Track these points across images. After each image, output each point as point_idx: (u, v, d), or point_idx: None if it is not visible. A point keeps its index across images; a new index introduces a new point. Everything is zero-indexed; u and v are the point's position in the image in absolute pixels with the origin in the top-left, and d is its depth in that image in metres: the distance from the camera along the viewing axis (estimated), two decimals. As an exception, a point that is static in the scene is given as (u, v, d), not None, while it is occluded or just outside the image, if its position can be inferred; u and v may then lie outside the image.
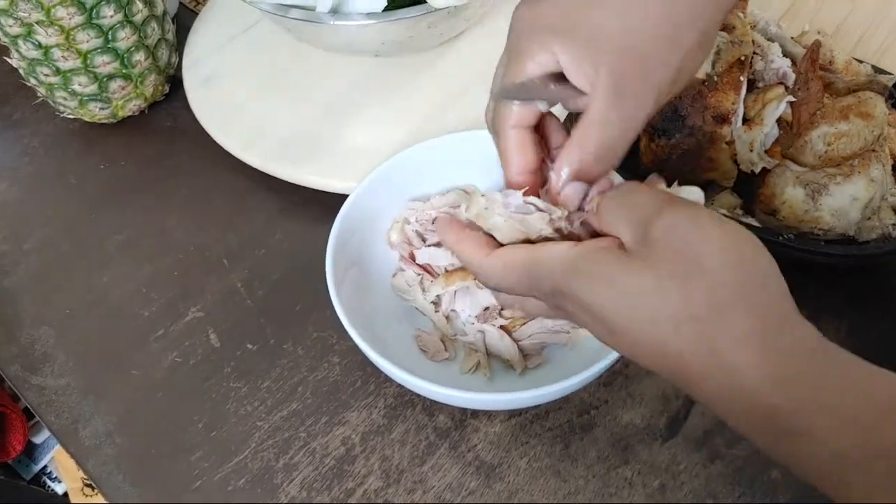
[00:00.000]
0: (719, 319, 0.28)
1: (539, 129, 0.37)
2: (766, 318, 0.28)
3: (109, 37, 0.59)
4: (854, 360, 0.28)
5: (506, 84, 0.35)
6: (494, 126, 0.37)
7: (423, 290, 0.49)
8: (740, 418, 0.28)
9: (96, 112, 0.64)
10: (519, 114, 0.35)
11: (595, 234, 0.34)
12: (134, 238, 0.58)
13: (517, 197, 0.35)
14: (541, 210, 0.35)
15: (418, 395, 0.47)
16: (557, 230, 0.35)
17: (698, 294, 0.28)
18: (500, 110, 0.36)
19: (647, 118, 0.34)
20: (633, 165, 0.55)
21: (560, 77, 0.34)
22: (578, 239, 0.34)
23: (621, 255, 0.30)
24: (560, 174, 0.34)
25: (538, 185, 0.37)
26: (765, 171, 0.49)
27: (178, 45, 0.67)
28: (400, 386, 0.48)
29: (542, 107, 0.36)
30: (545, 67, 0.33)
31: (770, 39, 0.55)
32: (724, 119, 0.49)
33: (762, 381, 0.27)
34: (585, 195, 0.35)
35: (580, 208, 0.35)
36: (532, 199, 0.35)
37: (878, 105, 0.48)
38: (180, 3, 0.75)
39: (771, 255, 0.29)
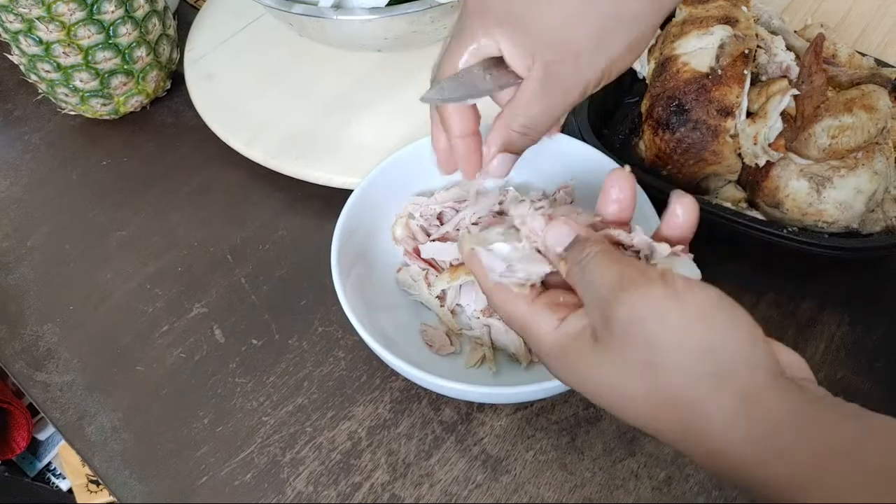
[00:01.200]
0: (688, 405, 0.28)
1: None
2: (741, 394, 0.27)
3: (110, 32, 0.59)
4: (845, 413, 0.27)
5: (444, 72, 0.38)
6: (433, 123, 0.41)
7: (429, 284, 0.49)
8: (737, 486, 0.29)
9: (98, 108, 0.64)
10: (454, 115, 0.39)
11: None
12: (137, 234, 0.58)
13: (500, 264, 0.35)
14: (521, 274, 0.34)
15: (424, 390, 0.48)
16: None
17: (663, 384, 0.28)
18: (436, 112, 0.40)
19: (572, 105, 0.37)
20: (637, 159, 0.55)
21: (498, 62, 0.37)
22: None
23: (590, 345, 0.30)
24: (491, 147, 0.39)
25: (479, 144, 0.40)
26: (769, 164, 0.49)
27: (180, 41, 0.67)
28: (406, 380, 0.48)
29: (471, 102, 0.39)
30: (486, 52, 0.37)
31: (773, 33, 0.55)
32: (727, 112, 0.49)
33: (749, 457, 0.27)
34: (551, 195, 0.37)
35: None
36: (516, 257, 0.35)
37: (882, 98, 0.48)
38: (181, -2, 0.75)
39: (741, 315, 0.28)
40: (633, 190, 0.35)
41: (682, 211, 0.33)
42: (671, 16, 0.55)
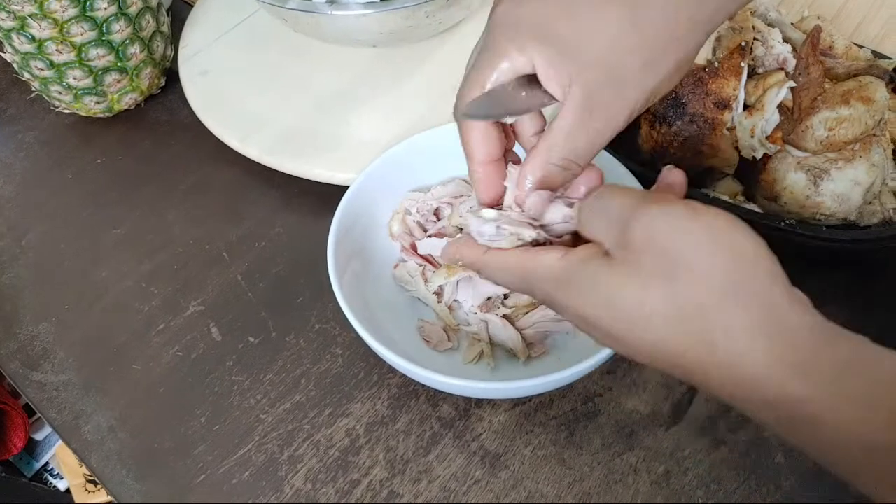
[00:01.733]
0: (710, 315, 0.27)
1: None
2: (762, 306, 0.27)
3: (104, 29, 0.58)
4: (862, 340, 0.27)
5: (472, 90, 0.34)
6: (460, 130, 0.36)
7: (426, 280, 0.49)
8: (749, 408, 0.28)
9: (92, 106, 0.63)
10: (480, 137, 0.36)
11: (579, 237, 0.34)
12: (132, 233, 0.58)
13: (490, 226, 0.35)
14: (511, 234, 0.34)
15: (422, 386, 0.47)
16: (536, 243, 0.35)
17: (684, 293, 0.27)
18: (463, 133, 0.36)
19: (615, 133, 0.34)
20: (634, 153, 0.55)
21: (531, 80, 0.33)
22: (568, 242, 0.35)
23: (604, 264, 0.30)
24: (524, 183, 0.34)
25: (502, 173, 0.37)
26: (766, 156, 0.49)
27: (174, 38, 0.67)
28: (403, 376, 0.48)
29: (508, 120, 0.35)
30: (518, 69, 0.33)
31: (770, 25, 0.54)
32: (724, 105, 0.49)
33: (769, 370, 0.26)
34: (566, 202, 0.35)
35: (543, 225, 0.35)
36: (504, 220, 0.35)
37: (879, 89, 0.48)
38: (174, -5, 0.74)
39: (757, 236, 0.28)
40: (683, 188, 0.34)
41: (675, 179, 0.33)
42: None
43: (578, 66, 0.32)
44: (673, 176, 0.34)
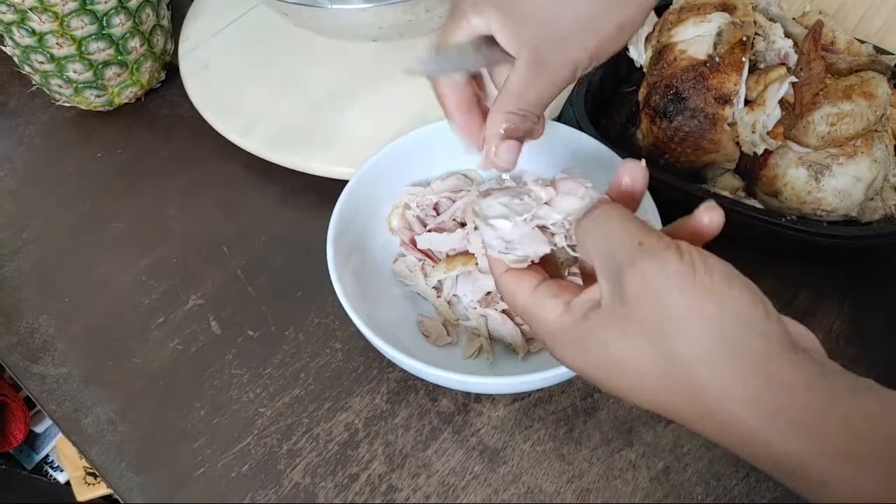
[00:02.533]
0: (699, 375, 0.27)
1: None
2: (754, 366, 0.27)
3: (104, 23, 0.58)
4: (867, 389, 0.26)
5: (439, 46, 0.38)
6: (433, 84, 0.40)
7: (425, 275, 0.49)
8: (757, 464, 0.28)
9: (92, 100, 0.63)
10: (448, 84, 0.39)
11: None
12: (132, 226, 0.58)
13: (499, 242, 0.35)
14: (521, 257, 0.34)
15: (421, 380, 0.47)
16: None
17: (672, 353, 0.27)
18: (433, 84, 0.40)
19: (564, 86, 0.37)
20: (634, 148, 0.54)
21: (490, 40, 0.37)
22: None
23: (600, 321, 0.30)
24: (493, 134, 0.38)
25: (479, 120, 0.40)
26: (767, 152, 0.49)
27: (174, 32, 0.67)
28: (402, 371, 0.48)
29: (457, 76, 0.38)
30: (477, 30, 0.37)
31: (771, 20, 0.54)
32: (726, 100, 0.49)
33: (765, 431, 0.26)
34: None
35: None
36: (514, 218, 0.35)
37: (881, 85, 0.48)
38: (175, -12, 0.74)
39: (754, 292, 0.28)
40: (644, 184, 0.34)
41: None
42: (668, 3, 0.54)
43: (527, 28, 0.36)
44: (631, 174, 0.33)
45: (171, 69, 0.67)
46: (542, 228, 0.34)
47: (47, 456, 1.02)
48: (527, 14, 0.35)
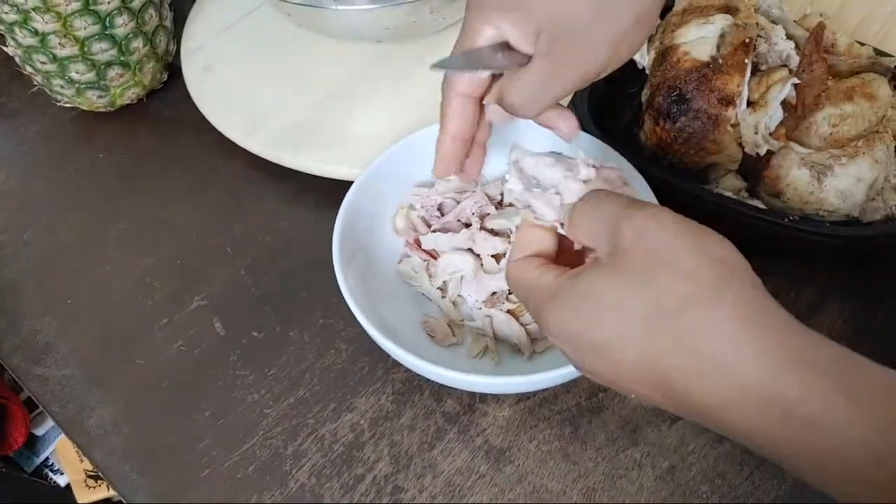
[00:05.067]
0: (691, 312, 0.27)
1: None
2: (746, 304, 0.27)
3: (107, 23, 0.58)
4: (846, 348, 0.27)
5: (454, 53, 0.38)
6: (443, 91, 0.39)
7: (430, 275, 0.49)
8: (736, 419, 0.26)
9: (94, 100, 0.63)
10: (465, 81, 0.38)
11: None
12: (135, 227, 0.58)
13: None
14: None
15: (426, 381, 0.47)
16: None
17: (665, 290, 0.27)
18: (448, 77, 0.39)
19: (584, 80, 0.36)
20: (638, 149, 0.55)
21: (507, 46, 0.36)
22: None
23: (592, 272, 0.30)
24: (487, 109, 0.39)
25: (464, 154, 0.41)
26: (769, 153, 0.49)
27: (176, 32, 0.67)
28: (408, 372, 0.48)
29: (484, 74, 0.38)
30: (491, 41, 0.36)
31: (773, 22, 0.55)
32: (728, 102, 0.49)
33: (757, 366, 0.26)
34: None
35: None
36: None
37: (882, 86, 0.48)
38: (176, -11, 0.74)
39: (740, 254, 0.29)
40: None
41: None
42: (671, 5, 0.54)
43: (539, 24, 0.35)
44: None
45: (173, 70, 0.66)
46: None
47: (47, 459, 1.02)
48: (537, 10, 0.35)
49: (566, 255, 0.36)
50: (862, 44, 0.55)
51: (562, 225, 0.35)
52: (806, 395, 0.25)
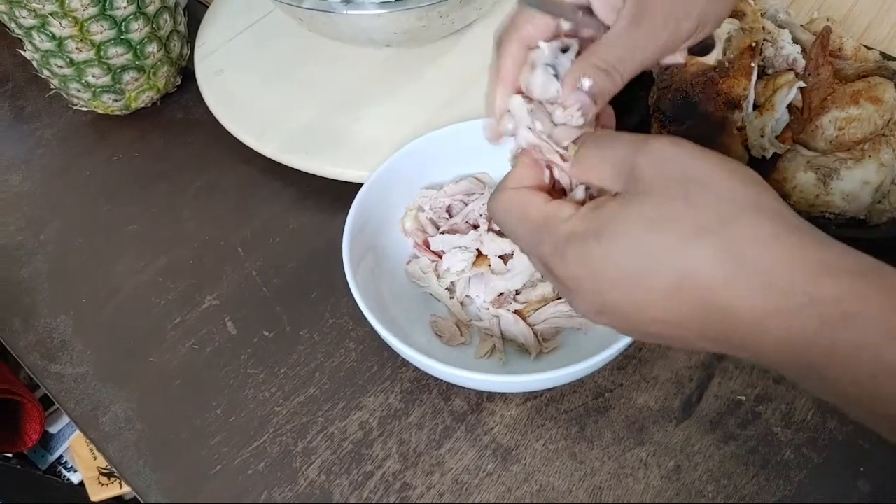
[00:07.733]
0: (733, 225, 0.27)
1: None
2: (783, 216, 0.27)
3: (123, 28, 0.59)
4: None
5: None
6: (504, 33, 0.36)
7: (438, 276, 0.49)
8: (775, 326, 0.26)
9: (109, 104, 0.64)
10: (537, 22, 0.35)
11: None
12: (148, 228, 0.59)
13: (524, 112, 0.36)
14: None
15: (434, 380, 0.48)
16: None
17: (705, 205, 0.27)
18: (517, 17, 0.36)
19: (663, 48, 0.34)
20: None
21: (588, 10, 0.35)
22: None
23: (617, 201, 0.29)
24: (572, 83, 0.34)
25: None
26: (776, 156, 0.50)
27: (190, 37, 0.68)
28: (416, 371, 0.48)
29: (565, 25, 0.36)
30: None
31: (780, 26, 0.55)
32: (735, 105, 0.50)
33: (803, 269, 0.26)
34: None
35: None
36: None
37: (888, 90, 0.49)
38: (190, -5, 0.75)
39: None
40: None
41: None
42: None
43: None
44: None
45: (186, 74, 0.68)
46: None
47: (61, 457, 1.03)
48: None
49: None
50: (869, 48, 0.55)
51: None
52: (845, 294, 0.26)
